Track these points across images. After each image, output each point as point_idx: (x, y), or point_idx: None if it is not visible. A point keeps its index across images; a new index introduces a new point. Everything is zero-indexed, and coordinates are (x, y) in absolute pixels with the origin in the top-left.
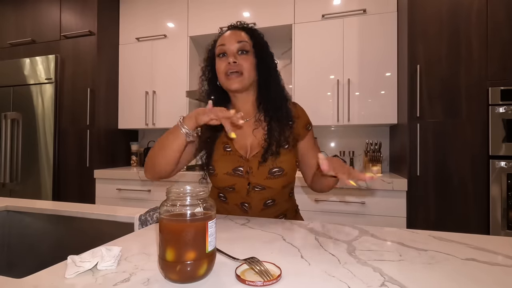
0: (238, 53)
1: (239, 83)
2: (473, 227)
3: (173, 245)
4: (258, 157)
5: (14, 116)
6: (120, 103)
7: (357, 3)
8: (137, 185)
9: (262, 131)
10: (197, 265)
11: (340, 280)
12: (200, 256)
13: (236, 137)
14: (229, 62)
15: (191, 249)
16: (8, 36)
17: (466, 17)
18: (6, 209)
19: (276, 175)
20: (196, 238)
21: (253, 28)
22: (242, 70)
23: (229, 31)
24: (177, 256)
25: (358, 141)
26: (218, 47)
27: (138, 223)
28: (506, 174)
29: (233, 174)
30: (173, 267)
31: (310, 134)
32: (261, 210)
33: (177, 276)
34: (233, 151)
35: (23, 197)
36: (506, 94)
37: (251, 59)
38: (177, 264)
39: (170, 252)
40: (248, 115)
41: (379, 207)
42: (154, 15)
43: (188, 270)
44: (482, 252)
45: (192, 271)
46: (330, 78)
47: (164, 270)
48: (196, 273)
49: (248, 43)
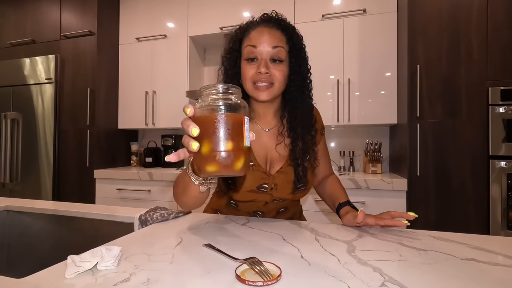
0: (270, 60)
1: (268, 95)
2: (473, 227)
3: (212, 137)
4: (282, 173)
5: (14, 116)
6: (120, 103)
7: (357, 3)
8: (137, 185)
9: (285, 146)
10: (236, 156)
11: (340, 280)
12: (238, 148)
13: (256, 148)
14: (260, 72)
15: (231, 140)
16: (8, 36)
17: (466, 17)
18: (6, 209)
19: (300, 190)
20: (235, 129)
21: (291, 26)
22: (273, 81)
23: (262, 27)
24: (216, 146)
25: (358, 141)
26: (247, 48)
27: (138, 223)
28: (506, 174)
29: (256, 191)
30: (212, 157)
31: (323, 139)
32: (273, 217)
33: (216, 167)
34: (256, 165)
35: (23, 197)
36: (506, 94)
37: (284, 69)
38: (216, 154)
39: (208, 143)
40: (269, 125)
41: (379, 207)
42: (154, 15)
43: (228, 160)
44: (482, 252)
45: (231, 162)
46: (330, 78)
47: (202, 163)
48: (235, 165)
49: (284, 49)
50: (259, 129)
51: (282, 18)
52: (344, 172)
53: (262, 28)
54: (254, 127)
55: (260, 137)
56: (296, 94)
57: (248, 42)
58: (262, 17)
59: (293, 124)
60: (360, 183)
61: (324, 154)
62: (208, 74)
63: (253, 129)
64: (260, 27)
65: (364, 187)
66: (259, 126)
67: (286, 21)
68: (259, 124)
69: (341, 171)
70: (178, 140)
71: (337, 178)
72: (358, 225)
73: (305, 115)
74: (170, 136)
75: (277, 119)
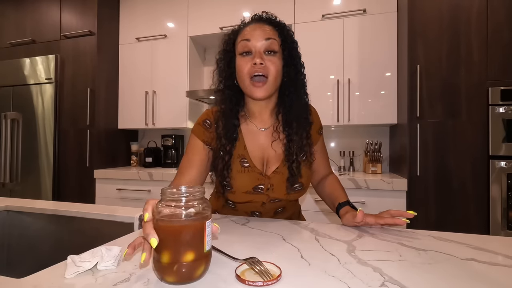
0: (264, 52)
1: (264, 92)
2: (473, 227)
3: (171, 247)
4: (278, 174)
5: (14, 116)
6: (120, 103)
7: (357, 3)
8: (137, 185)
9: (281, 144)
10: (196, 265)
11: (340, 280)
12: (198, 256)
13: (252, 149)
14: (255, 63)
15: (190, 249)
16: (8, 36)
17: (466, 17)
18: (6, 209)
19: (296, 190)
20: (195, 238)
21: (282, 23)
22: (268, 74)
23: (254, 23)
24: (175, 257)
25: (358, 141)
26: (241, 42)
27: (138, 223)
28: (506, 174)
29: (252, 192)
30: (170, 268)
31: (321, 138)
32: (271, 217)
33: (175, 278)
34: (252, 166)
35: (23, 197)
36: (506, 94)
37: (278, 61)
38: (175, 265)
39: (167, 253)
40: (265, 124)
41: (379, 207)
42: (154, 15)
43: (187, 271)
44: (482, 252)
45: (190, 272)
46: (330, 78)
47: (160, 272)
48: (194, 274)
49: (277, 41)
50: (255, 129)
51: (273, 17)
52: (344, 172)
53: (254, 25)
54: (250, 127)
55: (257, 137)
56: (290, 87)
57: (242, 37)
58: (253, 17)
59: (287, 118)
60: (360, 183)
61: (323, 154)
62: (208, 74)
63: (249, 130)
64: (252, 24)
65: (364, 187)
66: (255, 126)
67: (276, 19)
68: (255, 124)
69: (341, 171)
70: (178, 140)
71: (336, 177)
72: (358, 224)
73: (299, 109)
74: (170, 136)
75: (273, 117)
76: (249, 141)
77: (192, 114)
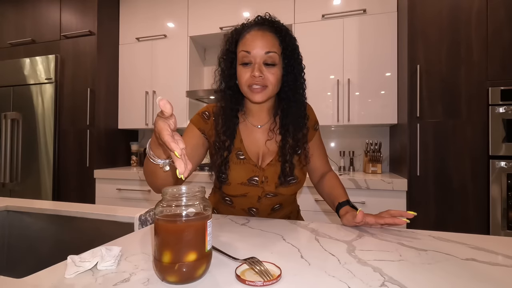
0: (264, 64)
1: (262, 97)
2: (473, 227)
3: (172, 246)
4: (273, 166)
5: (14, 116)
6: (120, 103)
7: (357, 3)
8: (137, 185)
9: (275, 142)
10: (197, 265)
11: (340, 280)
12: (200, 256)
13: (248, 143)
14: (254, 76)
15: (192, 249)
16: (8, 36)
17: (466, 17)
18: (6, 209)
19: (291, 183)
20: (197, 238)
21: (284, 28)
22: (267, 83)
23: (256, 30)
24: (177, 257)
25: (358, 141)
26: (241, 53)
27: (138, 223)
28: (506, 174)
29: (247, 184)
30: (171, 268)
31: (317, 134)
32: (268, 214)
33: (177, 278)
34: (247, 159)
35: (23, 197)
36: (506, 94)
37: (278, 72)
38: (176, 265)
39: (169, 253)
40: (261, 122)
41: (379, 207)
42: (154, 15)
43: (188, 270)
44: (482, 252)
45: (192, 272)
46: (330, 78)
47: (161, 272)
48: (195, 273)
49: (277, 53)
50: (252, 126)
51: (276, 20)
52: (344, 172)
53: (255, 31)
54: (248, 124)
55: (253, 134)
56: (290, 94)
57: (243, 47)
58: (256, 19)
59: (284, 122)
60: (360, 183)
61: (320, 150)
62: (208, 74)
63: (246, 126)
64: (254, 31)
65: (364, 187)
66: (252, 123)
67: (279, 23)
68: (252, 121)
69: (341, 171)
70: None
71: (336, 175)
72: (358, 224)
73: (297, 114)
74: None
75: (270, 116)
76: (245, 136)
77: (192, 114)
